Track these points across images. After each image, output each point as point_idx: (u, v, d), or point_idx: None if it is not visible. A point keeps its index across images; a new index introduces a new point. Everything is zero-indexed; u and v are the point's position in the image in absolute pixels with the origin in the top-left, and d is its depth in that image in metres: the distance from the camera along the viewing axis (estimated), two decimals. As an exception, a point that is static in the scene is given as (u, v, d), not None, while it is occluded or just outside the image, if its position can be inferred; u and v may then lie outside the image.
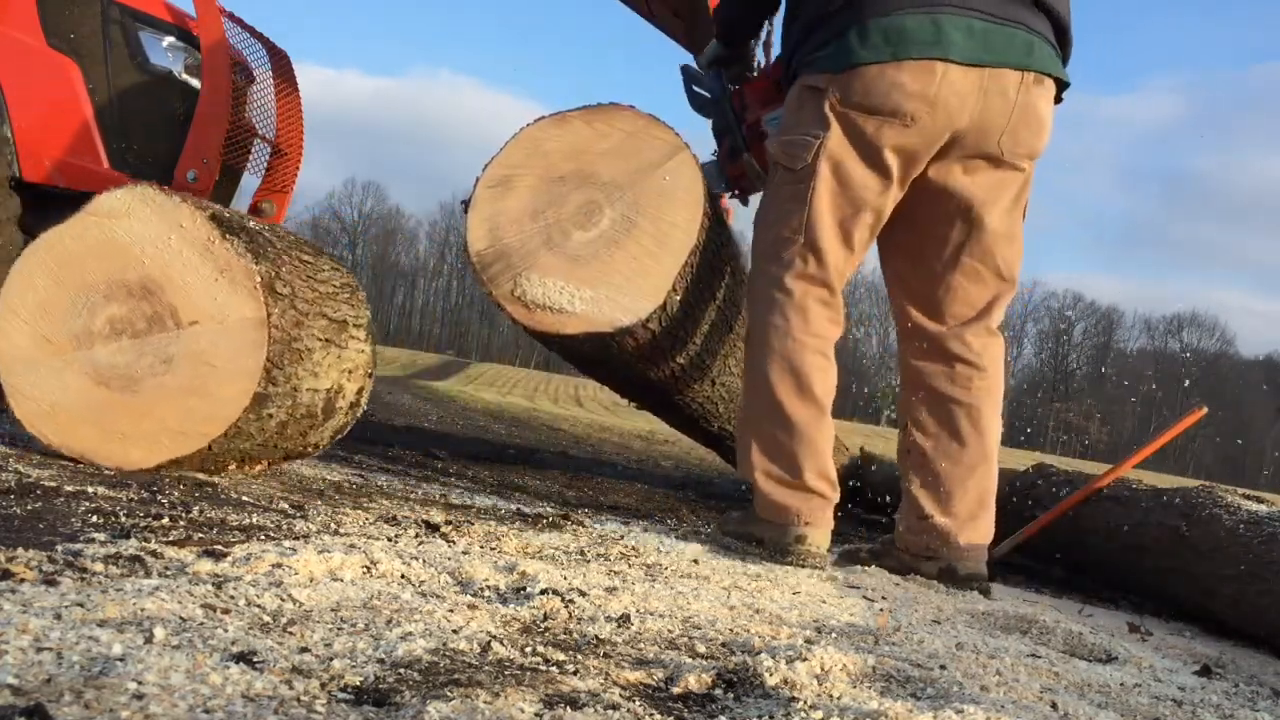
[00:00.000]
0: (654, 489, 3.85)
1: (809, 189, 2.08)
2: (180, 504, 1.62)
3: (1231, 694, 1.44)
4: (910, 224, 2.21)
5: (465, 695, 0.84)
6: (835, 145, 2.06)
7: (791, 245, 2.10)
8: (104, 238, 1.84)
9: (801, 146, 2.08)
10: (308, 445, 2.20)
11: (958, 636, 1.50)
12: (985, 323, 2.23)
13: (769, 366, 2.10)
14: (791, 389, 2.08)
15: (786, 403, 2.08)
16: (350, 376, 2.17)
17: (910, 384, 2.27)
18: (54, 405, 1.84)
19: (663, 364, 2.44)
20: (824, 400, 2.11)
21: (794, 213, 2.10)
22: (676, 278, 2.21)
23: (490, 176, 2.26)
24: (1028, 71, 2.07)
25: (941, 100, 2.01)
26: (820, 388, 2.10)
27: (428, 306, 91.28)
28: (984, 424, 2.21)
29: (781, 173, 2.14)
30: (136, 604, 0.95)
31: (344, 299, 2.15)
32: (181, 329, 1.83)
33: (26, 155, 3.22)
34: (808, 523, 2.07)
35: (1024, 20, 2.07)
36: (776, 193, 2.17)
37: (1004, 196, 2.16)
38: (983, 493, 2.20)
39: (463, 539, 1.71)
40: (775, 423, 2.10)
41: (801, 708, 0.93)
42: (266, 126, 3.83)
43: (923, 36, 2.00)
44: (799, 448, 2.08)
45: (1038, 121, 2.12)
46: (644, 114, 2.28)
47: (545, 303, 2.21)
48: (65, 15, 3.27)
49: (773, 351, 2.10)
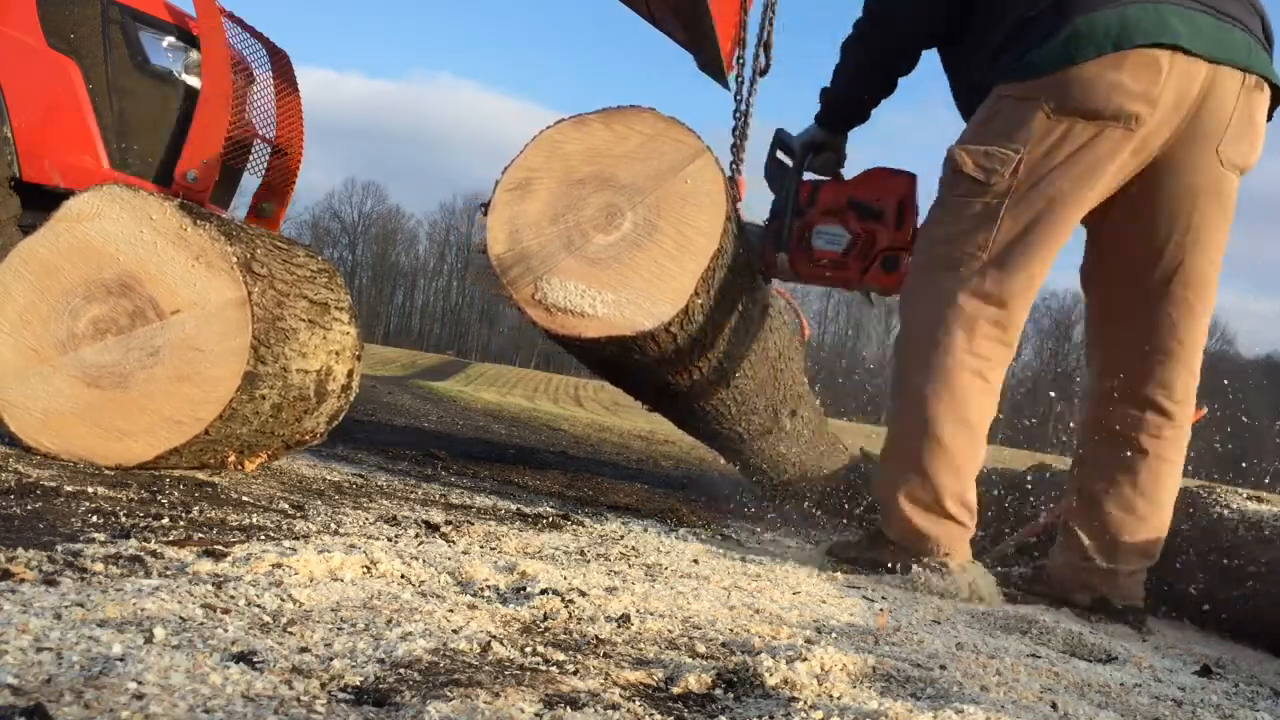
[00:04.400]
0: (654, 489, 3.85)
1: (1002, 205, 1.96)
2: (180, 504, 1.62)
3: (1231, 694, 1.44)
4: (1115, 244, 2.08)
5: (465, 695, 0.84)
6: (1039, 158, 1.93)
7: (973, 261, 1.98)
8: (77, 241, 1.85)
9: (999, 160, 1.95)
10: (304, 432, 2.21)
11: (958, 636, 1.50)
12: (1189, 364, 2.06)
13: (925, 383, 1.99)
14: (946, 409, 1.97)
15: (939, 423, 1.97)
16: (338, 358, 2.18)
17: (1094, 421, 2.15)
18: (47, 412, 1.84)
19: (683, 368, 2.43)
20: (979, 425, 2.00)
21: (981, 228, 1.98)
22: (699, 282, 2.20)
23: (509, 180, 2.25)
24: (1249, 74, 1.92)
25: (1165, 99, 1.87)
26: (976, 412, 1.99)
27: (428, 306, 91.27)
28: (1164, 477, 2.09)
29: (969, 184, 2.00)
30: (136, 604, 0.95)
31: (322, 283, 2.17)
32: (165, 319, 1.84)
33: (26, 155, 3.22)
34: (946, 553, 1.98)
35: (1241, 18, 1.94)
36: (960, 204, 2.02)
37: (1218, 214, 2.00)
38: (1150, 546, 2.09)
39: (463, 539, 1.71)
40: (924, 443, 1.98)
41: (801, 708, 0.93)
42: (266, 127, 3.83)
43: (1147, 25, 1.85)
44: (946, 472, 1.97)
45: (1255, 131, 1.97)
46: (665, 116, 2.26)
47: (566, 306, 2.20)
48: (65, 15, 3.27)
49: (931, 368, 1.98)
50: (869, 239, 2.40)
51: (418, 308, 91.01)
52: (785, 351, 3.10)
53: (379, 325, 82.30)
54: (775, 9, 2.88)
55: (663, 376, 2.48)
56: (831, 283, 2.56)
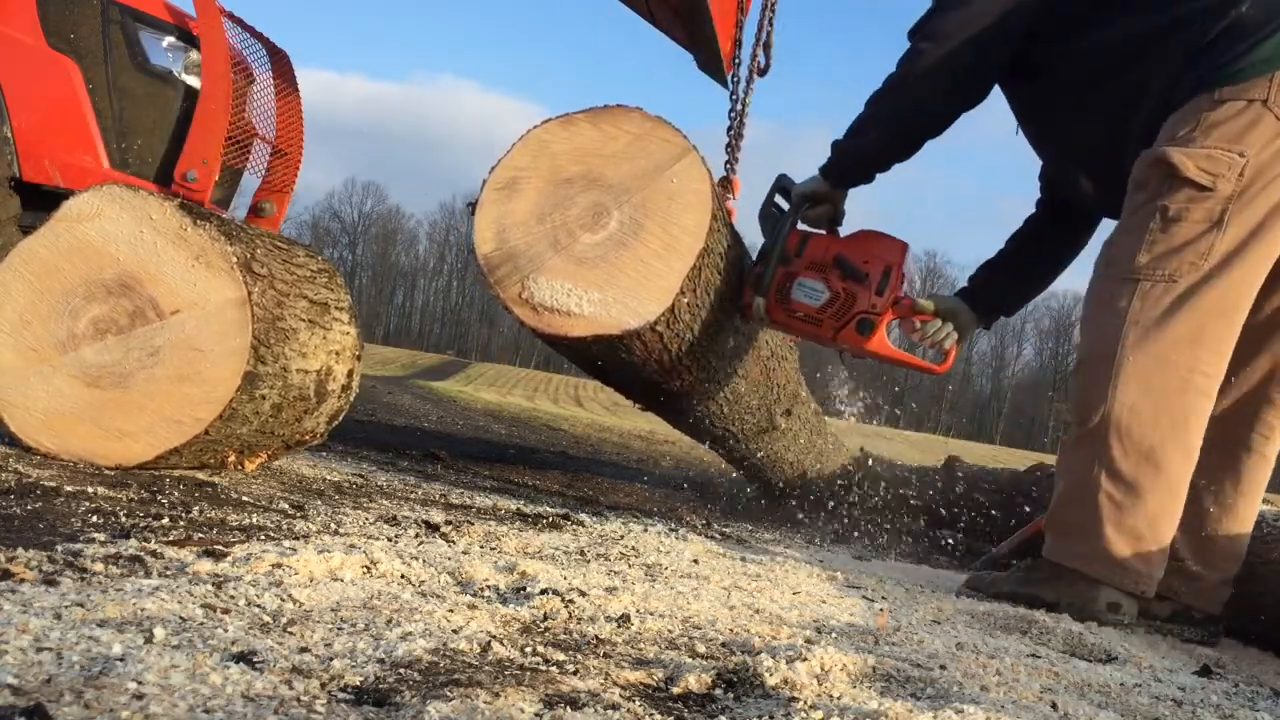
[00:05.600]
0: (654, 489, 3.85)
1: (1225, 210, 1.85)
2: (180, 504, 1.62)
3: (1231, 694, 1.44)
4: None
5: (465, 695, 0.84)
6: (1269, 160, 1.83)
7: (1194, 271, 1.86)
8: (76, 241, 1.85)
9: (1225, 164, 1.84)
10: (304, 432, 2.21)
11: (958, 636, 1.50)
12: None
13: (1142, 401, 1.85)
14: (1168, 430, 1.84)
15: (1161, 446, 1.84)
16: (338, 358, 2.18)
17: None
18: (47, 412, 1.84)
19: (671, 367, 2.44)
20: (1197, 451, 1.88)
21: (1202, 235, 1.86)
22: (685, 281, 2.20)
23: (497, 179, 2.26)
24: None
25: None
26: (1197, 436, 1.87)
27: (428, 306, 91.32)
28: (1263, 477, 2.02)
29: (1190, 190, 1.88)
30: (136, 604, 0.95)
31: (322, 283, 2.17)
32: (164, 319, 1.84)
33: (26, 155, 3.22)
34: (1129, 591, 1.88)
35: None
36: (1179, 211, 1.89)
37: None
38: (1241, 549, 2.04)
39: (463, 539, 1.71)
40: (1140, 469, 1.85)
41: (801, 708, 0.93)
42: (266, 127, 3.83)
43: None
44: (1156, 502, 1.85)
45: None
46: (651, 116, 2.27)
47: (553, 305, 2.20)
48: (65, 15, 3.28)
49: (1153, 387, 1.85)
50: (848, 299, 2.37)
51: (418, 308, 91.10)
52: (778, 351, 3.10)
53: (379, 325, 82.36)
54: (774, 9, 2.88)
55: (651, 376, 2.48)
56: (804, 335, 2.55)
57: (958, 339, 2.49)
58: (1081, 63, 2.10)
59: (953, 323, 2.48)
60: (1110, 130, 2.08)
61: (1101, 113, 2.10)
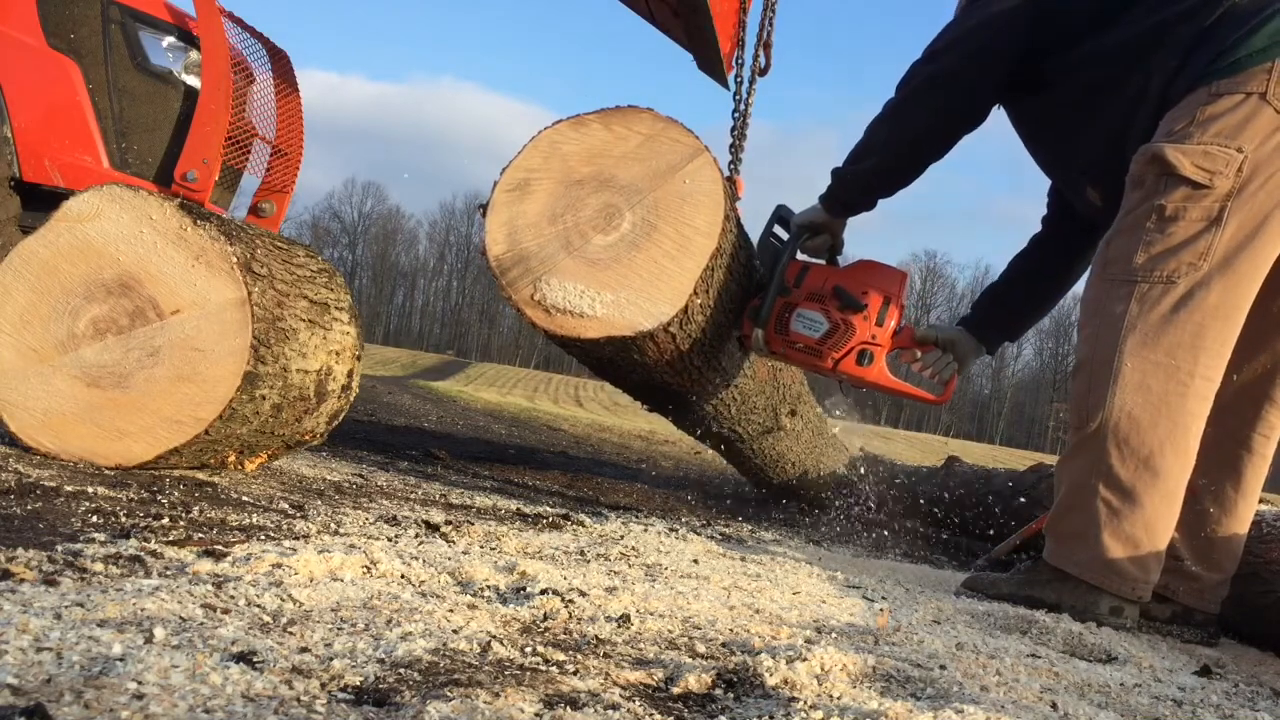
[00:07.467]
0: (654, 489, 3.85)
1: (1225, 208, 1.81)
2: (180, 504, 1.62)
3: (1231, 694, 1.44)
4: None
5: (465, 695, 0.84)
6: (1268, 155, 1.80)
7: (1192, 271, 1.83)
8: (77, 241, 1.85)
9: (1222, 160, 1.81)
10: (304, 432, 2.21)
11: (958, 636, 1.50)
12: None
13: (1140, 407, 1.83)
14: (1166, 436, 1.82)
15: (1159, 452, 1.82)
16: (339, 358, 2.18)
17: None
18: (47, 412, 1.84)
19: (682, 368, 2.43)
20: (1194, 454, 1.86)
21: (1200, 234, 1.83)
22: (698, 281, 2.20)
23: (508, 180, 2.25)
24: None
25: None
26: (1196, 439, 1.85)
27: (428, 306, 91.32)
28: (1261, 477, 2.01)
29: (1187, 188, 1.84)
30: (136, 604, 0.95)
31: (322, 283, 2.17)
32: (164, 319, 1.84)
33: (26, 155, 3.22)
34: (1127, 598, 1.86)
35: None
36: (1176, 210, 1.86)
37: None
38: (1239, 549, 2.02)
39: (463, 539, 1.71)
40: (1138, 474, 1.84)
41: (801, 708, 0.93)
42: (266, 127, 3.83)
43: None
44: (1153, 508, 1.84)
45: None
46: (663, 117, 2.26)
47: (565, 307, 2.20)
48: (65, 15, 3.28)
49: (1152, 392, 1.82)
50: (847, 330, 2.37)
51: (418, 308, 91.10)
52: (784, 351, 3.10)
53: (379, 325, 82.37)
54: (775, 9, 2.88)
55: (662, 376, 2.48)
56: (804, 366, 2.55)
57: (958, 369, 2.49)
58: (1083, 71, 2.09)
59: (953, 353, 2.49)
60: (1114, 138, 2.07)
61: (1105, 120, 2.08)
